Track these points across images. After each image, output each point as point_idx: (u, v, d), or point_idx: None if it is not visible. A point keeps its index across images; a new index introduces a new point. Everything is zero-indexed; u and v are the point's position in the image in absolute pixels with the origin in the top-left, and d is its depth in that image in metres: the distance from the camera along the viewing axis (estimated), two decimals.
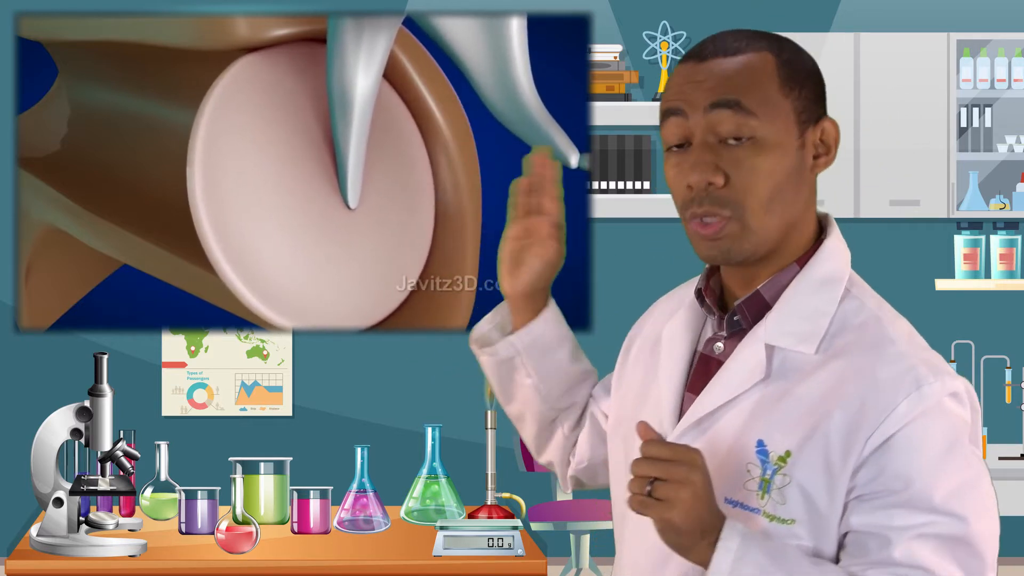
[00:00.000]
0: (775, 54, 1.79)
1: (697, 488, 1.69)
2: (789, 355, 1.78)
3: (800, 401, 1.75)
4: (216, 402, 6.65)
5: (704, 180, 1.76)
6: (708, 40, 1.82)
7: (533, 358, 2.13)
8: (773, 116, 1.77)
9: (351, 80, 2.90)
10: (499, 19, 3.13)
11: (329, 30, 2.93)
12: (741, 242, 1.77)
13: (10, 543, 6.43)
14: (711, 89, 1.76)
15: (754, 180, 1.75)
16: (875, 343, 1.76)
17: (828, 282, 1.81)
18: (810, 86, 1.80)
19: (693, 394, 1.85)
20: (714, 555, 1.70)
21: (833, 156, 1.82)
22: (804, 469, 1.73)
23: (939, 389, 1.72)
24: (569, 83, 4.40)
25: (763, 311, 1.81)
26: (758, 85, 1.76)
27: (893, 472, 1.70)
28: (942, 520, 1.70)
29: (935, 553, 1.70)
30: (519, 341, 2.13)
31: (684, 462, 1.69)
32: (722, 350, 1.84)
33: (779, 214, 1.77)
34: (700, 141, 1.77)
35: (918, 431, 1.71)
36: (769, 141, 1.76)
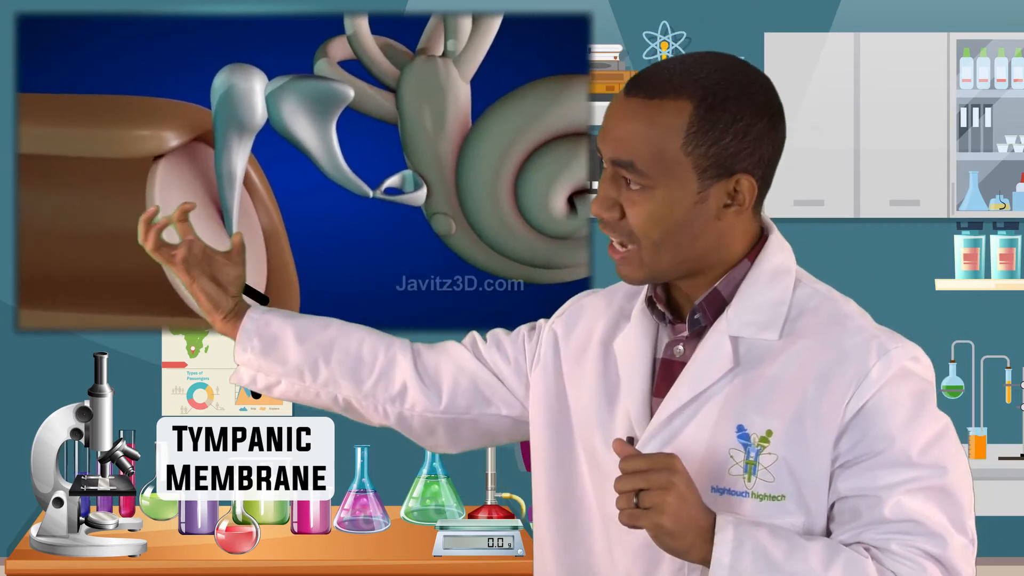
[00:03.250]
0: (696, 103, 1.81)
1: (680, 489, 1.75)
2: (754, 343, 1.85)
3: (773, 382, 1.82)
4: (216, 402, 6.64)
5: (600, 212, 1.86)
6: (654, 68, 1.85)
7: (268, 356, 2.16)
8: (666, 174, 1.82)
9: (232, 164, 4.27)
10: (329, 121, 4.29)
11: (216, 136, 4.27)
12: (640, 271, 1.86)
13: (10, 543, 6.43)
14: (614, 143, 1.83)
15: (642, 223, 1.83)
16: (835, 320, 1.85)
17: (779, 273, 1.88)
18: (728, 141, 1.81)
19: (659, 398, 1.89)
20: (713, 549, 1.75)
21: (746, 208, 1.85)
22: (788, 445, 1.80)
23: (902, 353, 1.82)
24: (569, 83, 4.40)
25: (721, 307, 1.87)
26: (656, 144, 1.81)
27: (874, 434, 1.78)
28: (924, 473, 1.78)
29: (923, 505, 1.78)
30: (244, 351, 2.17)
31: (662, 468, 1.75)
32: (683, 352, 1.90)
33: (672, 254, 1.85)
34: (608, 175, 1.85)
35: (891, 393, 1.80)
36: (658, 194, 1.82)
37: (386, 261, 4.42)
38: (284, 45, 4.39)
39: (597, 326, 2.01)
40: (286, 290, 4.44)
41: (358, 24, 4.39)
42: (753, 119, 1.82)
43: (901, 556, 1.78)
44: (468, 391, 2.13)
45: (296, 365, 2.17)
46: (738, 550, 1.75)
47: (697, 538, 1.75)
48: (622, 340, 1.95)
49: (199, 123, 4.31)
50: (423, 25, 4.41)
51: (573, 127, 4.40)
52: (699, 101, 1.81)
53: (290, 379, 2.18)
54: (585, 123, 4.41)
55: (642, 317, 1.94)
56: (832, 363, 1.81)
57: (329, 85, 4.29)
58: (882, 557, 1.78)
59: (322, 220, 4.41)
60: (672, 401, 1.86)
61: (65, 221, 4.38)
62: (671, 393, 1.87)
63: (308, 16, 4.65)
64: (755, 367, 1.84)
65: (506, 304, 4.46)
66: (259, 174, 4.36)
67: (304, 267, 4.43)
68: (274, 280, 4.44)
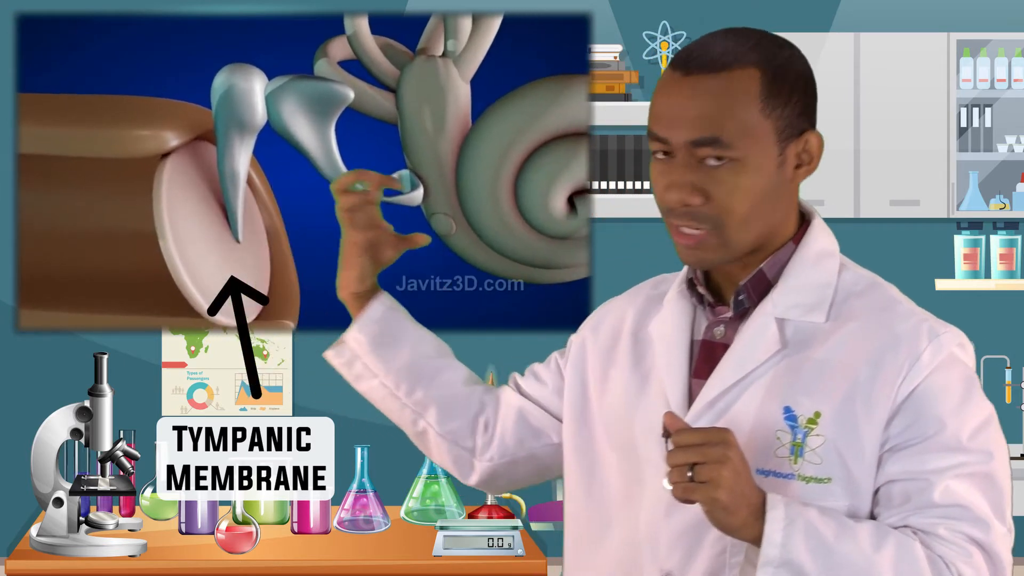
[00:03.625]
0: (762, 68, 1.82)
1: (736, 464, 1.73)
2: (800, 325, 1.84)
3: (822, 364, 1.82)
4: (216, 402, 6.64)
5: (683, 201, 1.81)
6: (698, 45, 1.84)
7: (374, 352, 2.13)
8: (752, 141, 1.80)
9: (235, 164, 4.26)
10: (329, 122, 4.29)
11: (217, 136, 4.26)
12: (718, 252, 1.83)
13: (10, 543, 6.42)
14: (691, 123, 1.80)
15: (732, 200, 1.81)
16: (884, 304, 1.85)
17: (824, 256, 1.89)
18: (796, 99, 1.83)
19: (701, 379, 1.88)
20: (764, 526, 1.73)
21: (815, 166, 1.87)
22: (837, 427, 1.79)
23: (951, 339, 1.82)
24: (569, 83, 4.40)
25: (766, 289, 1.87)
26: (737, 114, 1.80)
27: (926, 418, 1.78)
28: (973, 458, 1.78)
29: (969, 491, 1.78)
30: (355, 340, 2.14)
31: (717, 442, 1.73)
32: (724, 334, 1.88)
33: (756, 227, 1.83)
34: (682, 161, 1.81)
35: (942, 378, 1.80)
36: (748, 163, 1.81)
37: None
38: (284, 45, 4.39)
39: (626, 319, 2.00)
40: (286, 290, 4.44)
41: (358, 24, 4.39)
42: (808, 77, 1.85)
43: (948, 540, 1.77)
44: (516, 428, 2.11)
45: (398, 372, 2.13)
46: (790, 527, 1.73)
47: (749, 515, 1.74)
48: (658, 323, 1.94)
49: (199, 123, 4.31)
50: (423, 25, 4.41)
51: (573, 127, 4.40)
52: (764, 65, 1.81)
53: (385, 383, 2.14)
54: (585, 123, 4.41)
55: (679, 299, 1.93)
56: (884, 346, 1.80)
57: (329, 86, 4.29)
58: (929, 541, 1.77)
59: (322, 220, 4.40)
60: (718, 382, 1.85)
61: (65, 221, 4.38)
62: (716, 374, 1.86)
63: (308, 16, 4.65)
64: (802, 349, 1.83)
65: (506, 304, 4.46)
66: (259, 174, 4.37)
67: (304, 267, 4.44)
68: (274, 280, 4.44)
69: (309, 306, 4.46)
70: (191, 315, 4.38)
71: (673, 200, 1.81)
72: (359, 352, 2.14)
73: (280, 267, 4.42)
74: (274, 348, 6.63)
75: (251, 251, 4.39)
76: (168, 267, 4.21)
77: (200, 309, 4.30)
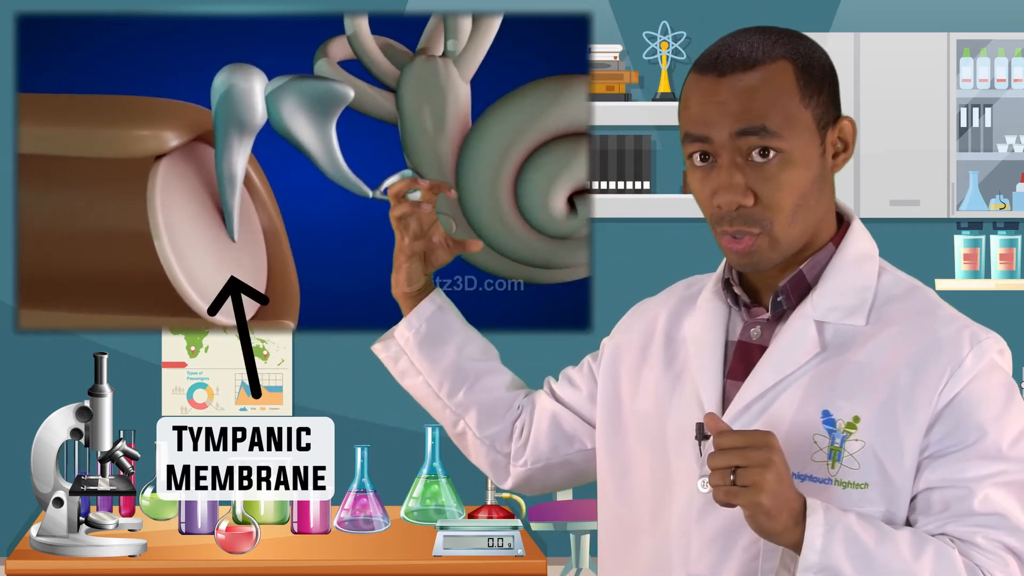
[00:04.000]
0: (793, 60, 1.81)
1: (779, 468, 1.70)
2: (840, 328, 1.83)
3: (861, 368, 1.80)
4: (216, 402, 6.64)
5: (734, 203, 1.79)
6: (723, 47, 1.82)
7: (420, 351, 2.14)
8: (796, 131, 1.80)
9: (233, 165, 4.28)
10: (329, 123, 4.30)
11: (216, 136, 4.27)
12: (771, 254, 1.81)
13: (10, 543, 6.43)
14: (735, 116, 1.78)
15: (781, 196, 1.79)
16: (925, 308, 1.83)
17: (863, 258, 1.87)
18: (827, 88, 1.83)
19: (736, 381, 1.86)
20: (805, 532, 1.71)
21: (851, 152, 1.87)
22: (876, 432, 1.77)
23: (992, 345, 1.81)
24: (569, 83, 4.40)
25: (805, 291, 1.85)
26: (780, 104, 1.79)
27: (967, 425, 1.76)
28: (1012, 467, 1.76)
29: (1007, 500, 1.76)
30: (402, 337, 2.15)
31: (761, 445, 1.70)
32: (760, 335, 1.87)
33: (804, 221, 1.82)
34: (727, 161, 1.79)
35: (983, 384, 1.77)
36: (795, 155, 1.80)
37: (386, 261, 4.41)
38: (284, 45, 4.39)
39: (659, 320, 1.98)
40: (286, 290, 4.45)
41: (358, 24, 4.39)
42: (830, 65, 1.85)
43: (985, 549, 1.76)
44: (550, 433, 2.11)
45: (443, 372, 2.14)
46: (830, 533, 1.71)
47: (790, 520, 1.71)
48: (691, 324, 1.93)
49: (199, 123, 4.32)
50: (423, 25, 4.41)
51: (573, 127, 4.40)
52: (793, 57, 1.81)
53: (429, 381, 2.15)
54: (585, 123, 4.41)
55: (714, 300, 1.92)
56: (926, 351, 1.78)
57: (329, 85, 4.29)
58: (967, 550, 1.76)
59: (322, 220, 4.41)
60: (756, 384, 1.83)
61: (65, 221, 4.38)
62: (753, 376, 1.84)
63: (308, 16, 4.65)
64: (842, 352, 1.81)
65: (506, 304, 4.46)
66: (259, 174, 4.37)
67: (304, 267, 4.44)
68: (274, 280, 4.44)
69: (309, 306, 4.46)
70: (191, 315, 4.38)
71: (725, 202, 1.79)
72: (405, 349, 2.15)
73: (280, 267, 4.43)
74: (274, 348, 6.63)
75: (248, 251, 4.40)
76: (163, 267, 4.22)
77: (196, 308, 4.31)
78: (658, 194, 6.78)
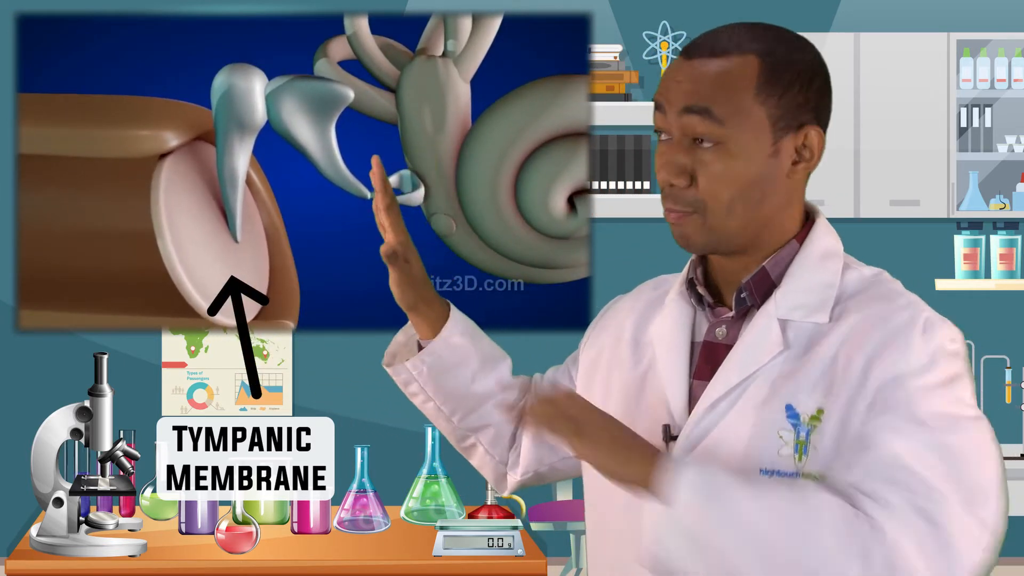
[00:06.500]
0: (762, 57, 1.83)
1: (589, 411, 1.80)
2: (803, 326, 1.84)
3: (820, 360, 1.81)
4: (216, 402, 6.64)
5: (668, 181, 1.84)
6: (706, 34, 1.87)
7: (432, 381, 2.13)
8: (742, 125, 1.81)
9: (234, 165, 4.30)
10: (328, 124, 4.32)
11: (217, 136, 4.29)
12: (703, 237, 1.84)
13: (10, 543, 6.43)
14: (686, 93, 1.82)
15: (716, 184, 1.82)
16: (884, 296, 1.84)
17: (828, 256, 1.88)
18: (797, 91, 1.84)
19: (702, 381, 1.88)
20: (669, 474, 1.75)
21: (816, 163, 1.87)
22: (839, 422, 1.78)
23: (946, 333, 1.80)
24: (569, 83, 4.40)
25: (769, 289, 1.86)
26: (730, 94, 1.81)
27: (895, 400, 1.75)
28: (926, 434, 1.74)
29: (911, 454, 1.73)
30: (414, 368, 2.14)
31: (562, 400, 1.80)
32: (726, 334, 1.88)
33: (744, 216, 1.83)
34: (674, 139, 1.84)
35: (928, 366, 1.77)
36: (736, 148, 1.81)
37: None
38: (284, 45, 4.39)
39: (627, 323, 2.00)
40: (286, 290, 4.45)
41: (358, 24, 4.39)
42: (813, 72, 1.86)
43: (885, 504, 1.73)
44: (533, 445, 2.14)
45: (456, 401, 2.14)
46: (683, 466, 1.76)
47: (638, 454, 1.78)
48: (658, 325, 1.94)
49: (199, 123, 4.32)
50: (423, 25, 4.41)
51: (573, 127, 4.41)
52: (764, 55, 1.83)
53: (441, 408, 2.15)
54: (585, 123, 4.42)
55: (679, 301, 1.93)
56: (882, 336, 1.79)
57: (329, 86, 4.29)
58: (860, 500, 1.74)
59: (322, 220, 4.41)
60: (720, 383, 1.84)
61: (65, 221, 4.39)
62: (718, 375, 1.85)
63: (308, 16, 4.65)
64: (805, 350, 1.82)
65: (506, 304, 4.46)
66: (259, 174, 4.37)
67: (304, 267, 4.44)
68: (274, 280, 4.45)
69: (309, 306, 4.46)
70: (191, 315, 4.38)
71: (661, 179, 1.84)
72: (418, 379, 2.15)
73: (280, 267, 4.43)
74: (274, 348, 6.63)
75: (250, 251, 4.40)
76: (166, 266, 4.22)
77: (198, 309, 4.31)
78: (658, 194, 6.77)
